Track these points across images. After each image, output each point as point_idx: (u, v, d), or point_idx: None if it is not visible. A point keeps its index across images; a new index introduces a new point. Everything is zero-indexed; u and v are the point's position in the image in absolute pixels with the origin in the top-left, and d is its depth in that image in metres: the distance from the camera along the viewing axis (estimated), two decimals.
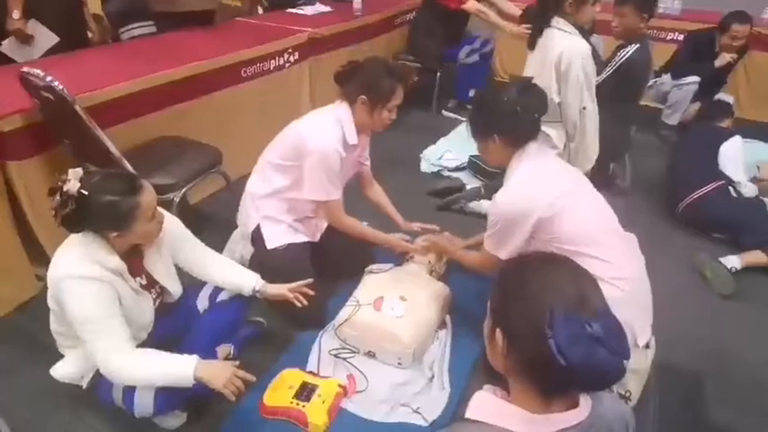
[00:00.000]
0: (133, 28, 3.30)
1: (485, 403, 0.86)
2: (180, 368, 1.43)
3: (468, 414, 0.85)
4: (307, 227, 2.12)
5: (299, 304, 1.75)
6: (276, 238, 2.02)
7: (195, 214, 2.74)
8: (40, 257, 2.14)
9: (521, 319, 0.79)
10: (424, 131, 3.91)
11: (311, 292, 1.77)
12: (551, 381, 0.79)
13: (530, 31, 3.30)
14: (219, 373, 1.43)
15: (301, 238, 2.08)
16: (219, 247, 2.26)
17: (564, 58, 2.30)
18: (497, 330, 0.83)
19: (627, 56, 2.83)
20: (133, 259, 1.56)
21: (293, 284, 1.76)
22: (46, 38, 2.76)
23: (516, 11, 3.71)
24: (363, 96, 1.89)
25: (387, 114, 1.93)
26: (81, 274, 1.39)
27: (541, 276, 0.81)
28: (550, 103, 2.44)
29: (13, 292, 2.09)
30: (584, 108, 2.37)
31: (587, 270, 0.83)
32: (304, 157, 1.91)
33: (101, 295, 1.42)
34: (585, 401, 0.82)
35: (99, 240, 1.43)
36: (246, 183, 2.12)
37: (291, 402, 1.68)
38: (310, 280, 1.79)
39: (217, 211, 2.75)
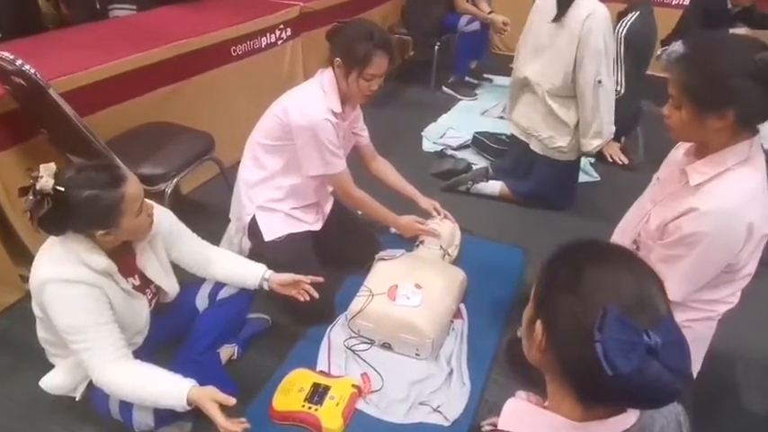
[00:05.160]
0: (118, 8, 3.10)
1: (518, 413, 0.78)
2: (172, 397, 1.30)
3: (502, 425, 0.77)
4: (307, 214, 1.98)
5: (302, 298, 1.63)
6: (274, 228, 1.88)
7: (189, 204, 2.60)
8: (23, 257, 1.99)
9: (567, 315, 0.69)
10: (424, 108, 3.75)
11: (316, 295, 1.65)
12: (593, 389, 0.69)
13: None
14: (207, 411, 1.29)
15: (301, 226, 1.95)
16: (217, 239, 2.13)
17: (586, 24, 2.16)
18: (538, 322, 0.73)
19: (627, 25, 2.68)
20: (124, 258, 1.42)
21: (303, 277, 1.64)
22: None
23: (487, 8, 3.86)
24: (338, 59, 1.74)
25: (364, 84, 1.73)
26: (65, 278, 1.26)
27: (598, 270, 0.70)
28: (565, 77, 2.33)
29: None
30: (600, 82, 2.22)
31: (652, 268, 0.71)
32: (295, 135, 1.77)
33: (89, 300, 1.29)
34: None
35: (84, 239, 1.30)
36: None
37: (303, 406, 1.57)
38: (320, 279, 1.67)
39: (212, 200, 2.60)
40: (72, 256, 1.28)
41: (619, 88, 2.70)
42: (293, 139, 1.78)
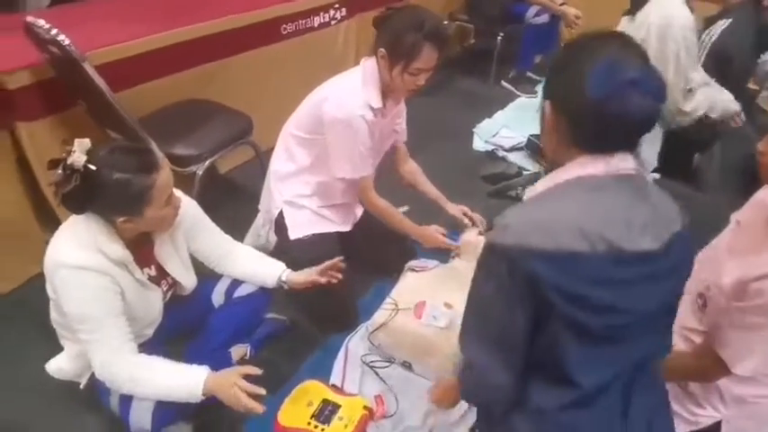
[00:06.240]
0: None
1: (535, 187, 0.92)
2: (187, 386, 1.26)
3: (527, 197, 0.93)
4: (336, 214, 1.86)
5: (334, 280, 1.54)
6: (300, 227, 1.78)
7: (223, 185, 2.54)
8: (52, 225, 1.96)
9: (566, 82, 0.84)
10: (479, 102, 3.53)
11: (342, 266, 1.56)
12: (594, 134, 0.84)
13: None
14: (230, 388, 1.25)
15: (329, 226, 1.83)
16: (246, 224, 2.06)
17: (660, 28, 1.90)
18: (547, 103, 0.89)
19: (716, 35, 2.36)
20: (141, 247, 1.36)
21: (321, 266, 1.54)
22: None
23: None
24: (383, 50, 1.57)
25: (409, 79, 1.57)
26: (79, 264, 1.21)
27: (591, 48, 0.84)
28: None
29: (22, 265, 1.93)
30: (690, 90, 1.97)
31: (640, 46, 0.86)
32: (326, 129, 1.64)
33: (100, 290, 1.23)
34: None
35: (102, 224, 1.24)
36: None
37: (309, 423, 1.47)
38: (340, 257, 1.56)
39: (248, 183, 2.52)
40: (90, 240, 1.22)
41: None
42: (324, 134, 1.65)
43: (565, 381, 0.86)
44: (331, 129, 1.62)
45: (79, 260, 1.21)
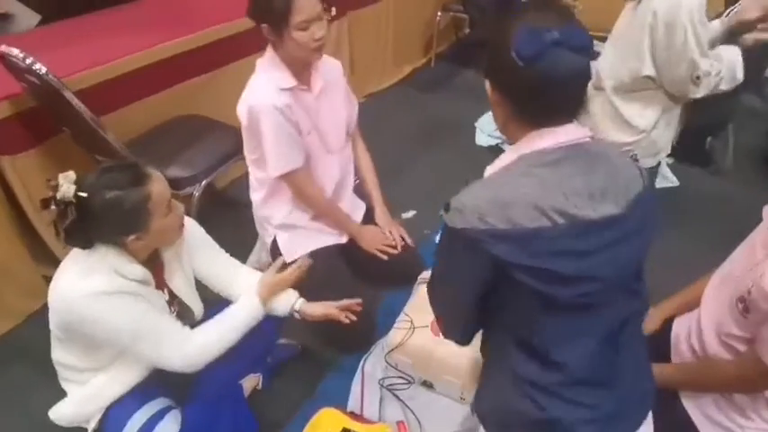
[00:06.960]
0: None
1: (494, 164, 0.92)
2: (251, 311, 1.37)
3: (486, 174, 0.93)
4: (331, 223, 1.78)
5: (346, 321, 1.46)
6: (295, 248, 1.69)
7: (224, 201, 2.46)
8: (46, 258, 1.90)
9: (495, 56, 0.85)
10: (480, 95, 3.35)
11: (359, 309, 1.48)
12: (534, 104, 0.84)
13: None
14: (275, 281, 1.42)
15: (328, 240, 1.75)
16: (252, 240, 1.98)
17: (665, 11, 1.78)
18: (487, 83, 0.90)
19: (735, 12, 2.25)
20: (153, 269, 1.29)
21: (341, 302, 1.47)
22: (26, 16, 2.40)
23: None
24: (264, 26, 1.46)
25: (302, 36, 1.45)
26: (102, 291, 1.15)
27: (510, 21, 0.84)
28: (635, 72, 1.96)
29: (21, 301, 1.87)
30: (698, 78, 1.85)
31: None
32: (251, 133, 1.57)
33: (137, 305, 1.20)
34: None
35: (115, 250, 1.18)
36: None
37: None
38: (358, 300, 1.49)
39: (248, 197, 2.43)
40: (104, 266, 1.16)
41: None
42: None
43: (543, 354, 0.91)
44: (253, 130, 1.54)
45: (101, 286, 1.15)
